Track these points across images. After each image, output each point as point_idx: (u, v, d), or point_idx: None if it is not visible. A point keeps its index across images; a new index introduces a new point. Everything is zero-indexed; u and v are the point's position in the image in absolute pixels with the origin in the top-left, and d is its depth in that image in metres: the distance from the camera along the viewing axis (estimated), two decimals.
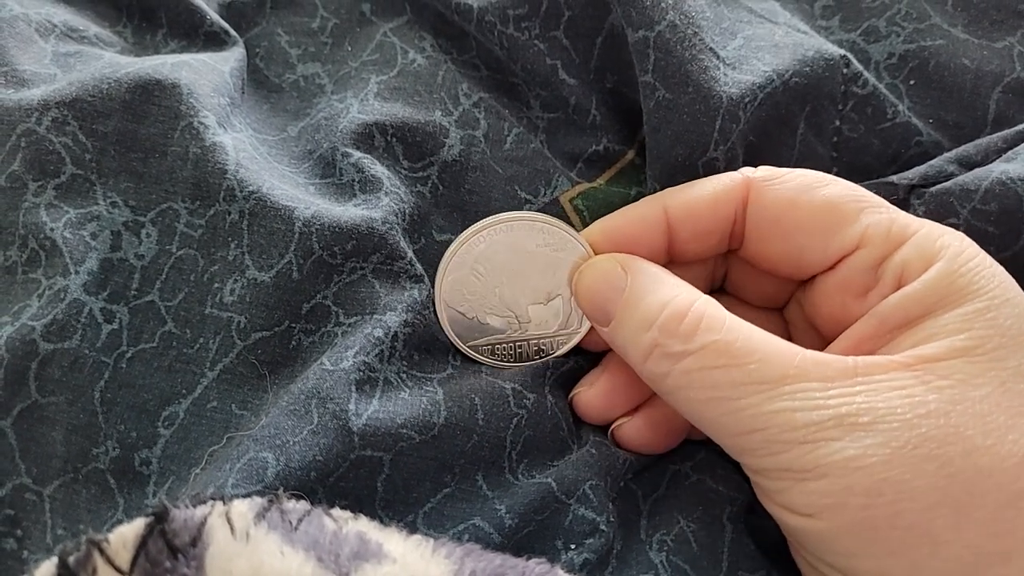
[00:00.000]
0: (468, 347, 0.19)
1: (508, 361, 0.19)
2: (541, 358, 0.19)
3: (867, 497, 0.13)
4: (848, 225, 0.16)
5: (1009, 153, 0.19)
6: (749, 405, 0.14)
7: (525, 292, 0.19)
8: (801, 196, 0.16)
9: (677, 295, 0.16)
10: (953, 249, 0.15)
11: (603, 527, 0.17)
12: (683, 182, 0.18)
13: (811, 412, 0.14)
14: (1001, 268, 0.15)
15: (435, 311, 0.18)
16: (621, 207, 0.19)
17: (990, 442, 0.13)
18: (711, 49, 0.18)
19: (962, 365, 0.14)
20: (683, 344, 0.15)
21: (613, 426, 0.19)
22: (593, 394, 0.18)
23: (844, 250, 0.16)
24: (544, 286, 0.19)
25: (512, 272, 0.19)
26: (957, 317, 0.14)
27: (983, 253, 0.15)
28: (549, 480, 0.17)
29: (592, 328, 0.19)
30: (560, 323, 0.19)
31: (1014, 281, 0.15)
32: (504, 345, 0.19)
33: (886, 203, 0.17)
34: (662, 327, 0.15)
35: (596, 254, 0.18)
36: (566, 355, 0.19)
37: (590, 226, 0.18)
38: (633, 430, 0.18)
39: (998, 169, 0.18)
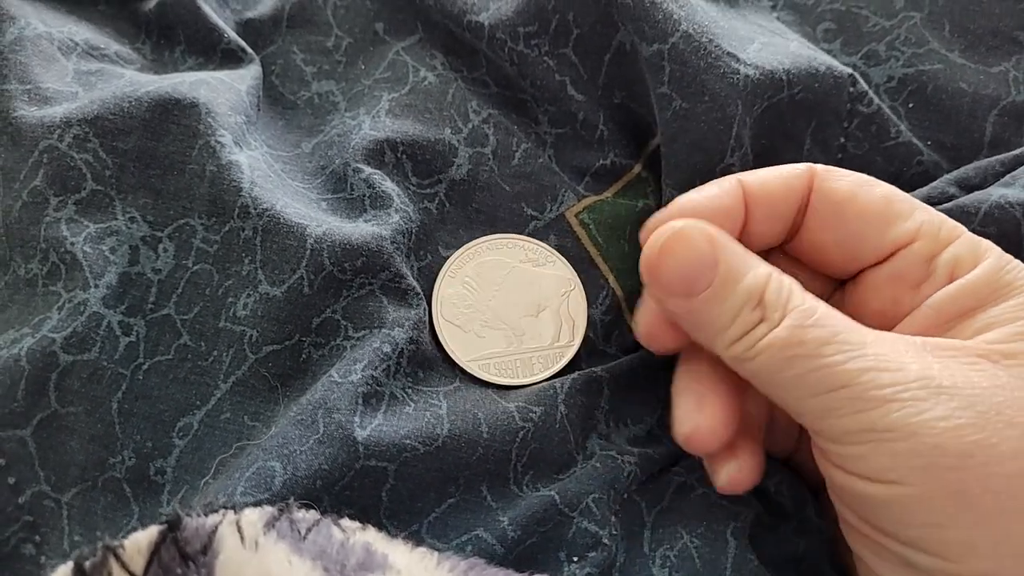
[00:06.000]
0: (468, 362, 0.19)
1: (509, 377, 0.19)
2: (543, 371, 0.19)
3: (958, 459, 0.13)
4: (904, 219, 0.17)
5: (1007, 177, 0.19)
6: (835, 362, 0.14)
7: (516, 306, 0.20)
8: (861, 189, 0.17)
9: (772, 270, 0.16)
10: (999, 250, 0.16)
11: (605, 540, 0.17)
12: None
13: (896, 372, 0.14)
14: None
15: (433, 327, 0.19)
16: (627, 219, 0.20)
17: None
18: (730, 54, 0.18)
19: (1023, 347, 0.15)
20: (781, 312, 0.15)
21: (722, 481, 0.17)
22: (707, 430, 0.17)
23: (900, 242, 0.17)
24: (532, 300, 0.20)
25: (501, 287, 0.19)
26: (1011, 307, 0.15)
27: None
28: (552, 493, 0.17)
29: (649, 321, 0.18)
30: (553, 335, 0.19)
31: None
32: (504, 359, 0.19)
33: (935, 210, 0.17)
34: (766, 301, 0.16)
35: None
36: (568, 367, 0.19)
37: (673, 201, 0.17)
38: (749, 472, 0.17)
39: (996, 193, 0.18)
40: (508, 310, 0.19)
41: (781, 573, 0.18)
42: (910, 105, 0.21)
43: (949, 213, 0.18)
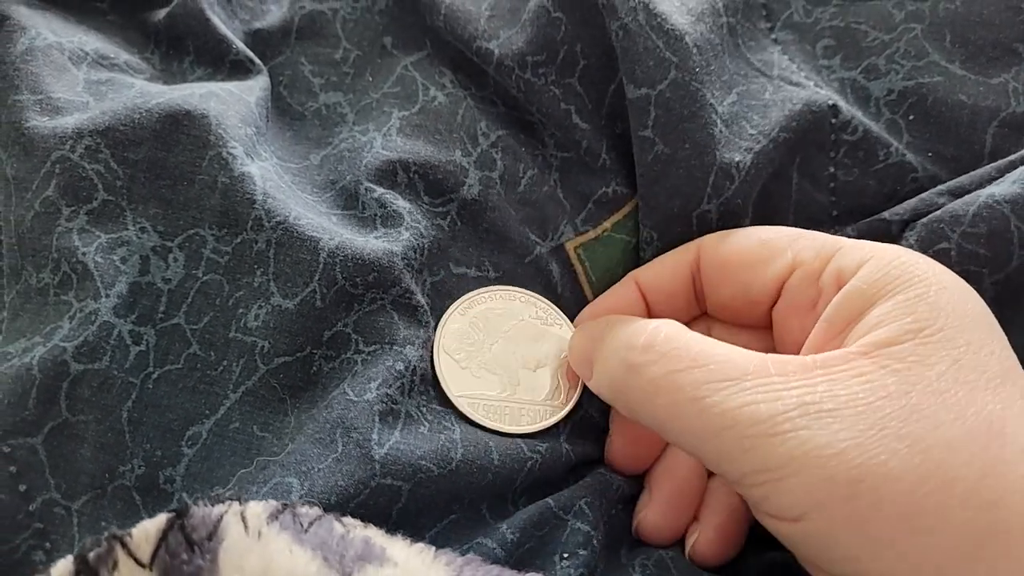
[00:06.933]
0: (458, 397, 0.19)
1: (496, 421, 0.19)
2: (528, 424, 0.19)
3: (849, 486, 0.13)
4: (781, 254, 0.18)
5: (999, 179, 0.20)
6: (715, 403, 0.14)
7: (517, 356, 0.20)
8: (741, 242, 0.18)
9: (639, 321, 0.17)
10: (884, 250, 0.16)
11: (595, 542, 0.18)
12: (678, 232, 0.20)
13: (774, 403, 0.14)
14: (936, 263, 0.16)
15: (432, 356, 0.19)
16: (622, 259, 0.21)
17: (952, 416, 0.13)
18: (711, 104, 0.19)
19: (914, 347, 0.14)
20: (645, 355, 0.16)
21: (688, 548, 0.18)
22: (656, 516, 0.18)
23: (781, 275, 0.18)
24: (533, 354, 0.20)
25: (506, 334, 0.20)
26: (899, 303, 0.15)
27: (916, 253, 0.16)
28: (548, 500, 0.18)
29: (616, 440, 0.19)
30: (548, 393, 0.20)
31: (954, 274, 0.16)
32: (494, 404, 0.19)
33: (819, 233, 0.18)
34: (626, 344, 0.16)
35: None
36: (559, 424, 0.19)
37: (581, 312, 0.20)
38: (707, 545, 0.18)
39: (986, 192, 0.19)
40: (508, 358, 0.20)
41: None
42: (910, 118, 0.22)
43: (940, 221, 0.19)
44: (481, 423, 0.19)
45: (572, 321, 0.21)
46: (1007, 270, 0.18)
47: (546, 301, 0.20)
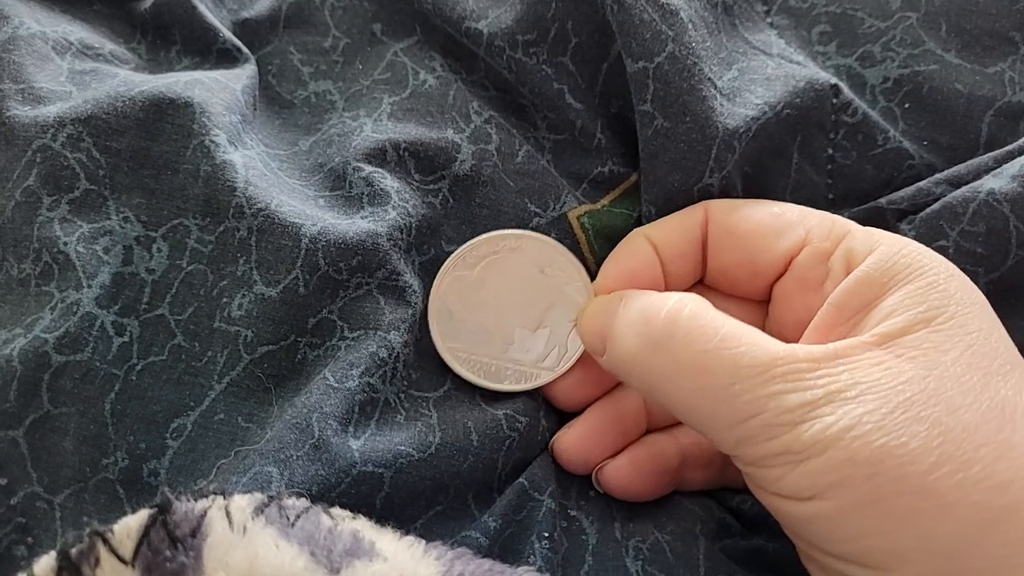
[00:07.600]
0: (446, 346, 0.19)
1: (475, 374, 0.19)
2: (510, 384, 0.19)
3: (869, 466, 0.13)
4: (793, 228, 0.18)
5: (997, 170, 0.19)
6: (744, 391, 0.14)
7: (517, 314, 0.19)
8: (751, 210, 0.18)
9: (656, 295, 0.17)
10: (892, 238, 0.17)
11: (573, 512, 0.18)
12: (678, 207, 0.19)
13: (804, 392, 0.14)
14: (938, 255, 0.16)
15: (426, 302, 0.19)
16: (623, 230, 0.20)
17: (969, 400, 0.14)
18: (710, 79, 0.19)
19: (928, 335, 0.15)
20: (668, 329, 0.15)
21: (596, 468, 0.19)
22: (573, 436, 0.19)
23: (792, 249, 0.17)
24: (537, 313, 0.19)
25: (513, 288, 0.19)
26: (910, 292, 0.15)
27: (920, 244, 0.16)
28: (522, 480, 0.18)
29: (567, 374, 0.19)
30: (539, 355, 0.19)
31: (955, 266, 0.16)
32: (480, 359, 0.19)
33: (828, 213, 0.18)
34: (645, 318, 0.16)
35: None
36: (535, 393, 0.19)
37: (598, 275, 0.19)
38: (616, 470, 0.18)
39: (985, 188, 0.18)
40: (508, 315, 0.19)
41: (752, 570, 0.18)
42: (906, 106, 0.21)
43: (939, 216, 0.19)
44: (461, 375, 0.19)
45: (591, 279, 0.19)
46: (1002, 269, 0.18)
47: (571, 256, 0.19)
